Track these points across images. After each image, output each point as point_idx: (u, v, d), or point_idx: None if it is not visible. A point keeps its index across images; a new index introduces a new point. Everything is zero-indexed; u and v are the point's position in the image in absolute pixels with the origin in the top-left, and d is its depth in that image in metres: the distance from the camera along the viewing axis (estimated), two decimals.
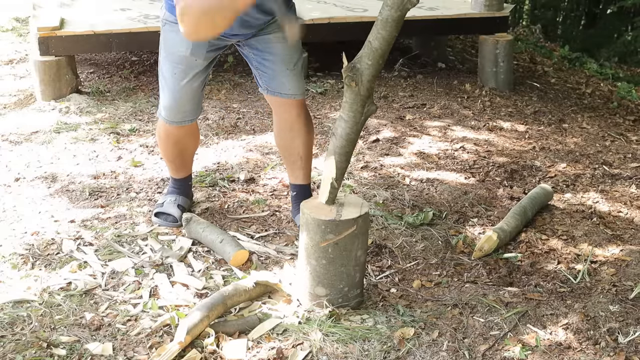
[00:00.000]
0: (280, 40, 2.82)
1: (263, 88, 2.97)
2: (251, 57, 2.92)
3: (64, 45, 4.71)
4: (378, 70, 2.31)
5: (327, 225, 2.39)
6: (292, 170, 3.13)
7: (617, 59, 10.13)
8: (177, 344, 2.22)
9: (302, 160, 3.08)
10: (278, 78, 2.90)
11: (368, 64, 2.29)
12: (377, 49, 2.27)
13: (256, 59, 2.91)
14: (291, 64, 2.90)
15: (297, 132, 3.02)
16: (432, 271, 2.86)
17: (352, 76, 2.30)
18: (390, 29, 2.24)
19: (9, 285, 2.62)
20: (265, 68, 2.90)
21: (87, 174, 3.63)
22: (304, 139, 3.04)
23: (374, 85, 2.36)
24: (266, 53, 2.87)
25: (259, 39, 2.84)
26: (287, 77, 2.90)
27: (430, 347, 2.34)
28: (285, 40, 2.76)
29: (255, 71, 2.96)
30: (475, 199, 3.47)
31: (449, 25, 5.50)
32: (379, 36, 2.26)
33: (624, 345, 2.35)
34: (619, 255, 2.97)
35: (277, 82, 2.91)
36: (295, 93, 2.94)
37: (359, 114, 2.36)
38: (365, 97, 2.34)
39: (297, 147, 3.04)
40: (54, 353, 2.23)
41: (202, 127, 4.29)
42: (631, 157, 4.21)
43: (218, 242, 2.85)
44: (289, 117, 2.99)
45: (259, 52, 2.88)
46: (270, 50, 2.86)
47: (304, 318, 2.45)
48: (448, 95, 5.17)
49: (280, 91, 2.93)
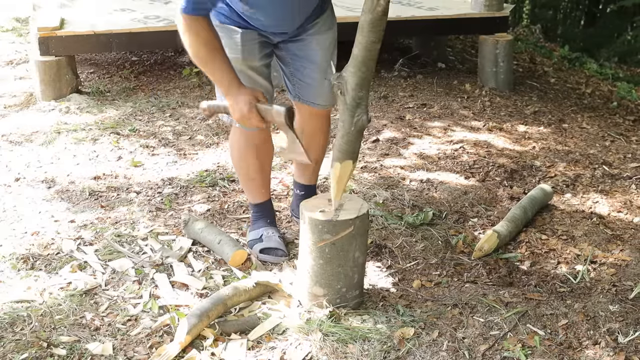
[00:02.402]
0: (321, 46, 2.76)
1: (293, 95, 2.87)
2: (288, 61, 2.80)
3: (64, 45, 4.71)
4: (363, 79, 2.25)
5: (324, 226, 2.39)
6: (303, 172, 3.07)
7: (617, 59, 10.12)
8: (177, 344, 2.22)
9: (317, 165, 3.06)
10: (315, 88, 2.81)
11: (352, 72, 2.25)
12: (357, 55, 2.23)
13: (294, 65, 2.80)
14: (328, 73, 2.75)
15: (317, 139, 2.96)
16: (432, 271, 2.86)
17: (338, 85, 2.28)
18: (366, 34, 2.19)
19: (9, 285, 2.62)
20: (303, 76, 2.80)
21: (87, 174, 3.63)
22: (322, 145, 3.01)
23: (363, 95, 2.28)
24: (305, 60, 2.77)
25: (299, 44, 2.74)
26: (324, 87, 2.79)
27: (430, 347, 2.34)
28: (324, 46, 2.72)
29: (289, 77, 2.84)
30: (475, 199, 3.47)
31: (449, 25, 5.50)
32: (357, 42, 2.22)
33: (624, 345, 2.35)
34: (619, 255, 2.97)
35: (312, 92, 2.82)
36: (327, 104, 2.87)
37: (349, 124, 2.31)
38: (352, 106, 2.28)
39: (313, 153, 2.90)
40: (54, 353, 2.23)
41: (201, 127, 4.30)
42: (631, 157, 4.21)
43: (216, 242, 2.85)
44: (315, 125, 2.93)
45: (298, 59, 2.78)
46: (310, 57, 2.76)
47: (303, 318, 2.45)
48: (448, 95, 5.17)
49: (313, 101, 2.84)
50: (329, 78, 2.62)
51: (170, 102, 4.74)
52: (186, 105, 4.71)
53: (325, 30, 2.77)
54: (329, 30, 2.79)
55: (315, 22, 2.72)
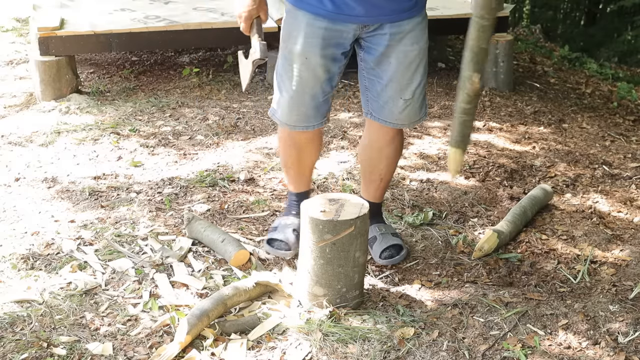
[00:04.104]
0: (400, 61, 2.50)
1: (366, 111, 2.67)
2: (362, 70, 2.59)
3: (64, 45, 4.71)
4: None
5: (324, 225, 2.39)
6: (368, 187, 2.90)
7: (617, 59, 10.12)
8: (177, 344, 2.22)
9: (382, 182, 2.86)
10: (388, 107, 2.59)
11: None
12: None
13: (368, 77, 2.59)
14: (408, 92, 2.54)
15: (385, 155, 2.77)
16: (432, 271, 2.86)
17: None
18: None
19: (9, 285, 2.62)
20: (377, 92, 2.58)
21: (87, 174, 3.63)
22: (391, 162, 2.81)
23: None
24: (380, 74, 2.54)
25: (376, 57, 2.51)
26: (400, 107, 2.56)
27: (430, 347, 2.34)
28: (405, 63, 2.49)
29: (363, 91, 2.66)
30: (475, 199, 3.47)
31: (449, 25, 5.49)
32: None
33: (624, 345, 2.35)
34: (619, 255, 2.97)
35: (386, 111, 2.60)
36: (403, 123, 2.65)
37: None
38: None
39: (381, 170, 2.80)
40: (54, 353, 2.23)
41: (202, 127, 4.29)
42: (631, 157, 4.21)
43: (219, 241, 2.85)
44: (383, 140, 2.73)
45: (371, 71, 2.56)
46: (387, 72, 2.53)
47: (303, 318, 2.45)
48: (448, 95, 5.17)
49: (386, 119, 2.62)
50: (406, 98, 2.52)
51: (170, 102, 4.74)
52: (186, 105, 4.71)
53: (410, 44, 2.51)
54: (414, 44, 2.52)
55: (400, 24, 2.47)
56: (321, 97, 2.62)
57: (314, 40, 2.51)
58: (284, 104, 2.65)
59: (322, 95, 2.62)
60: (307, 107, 2.63)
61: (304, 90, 2.59)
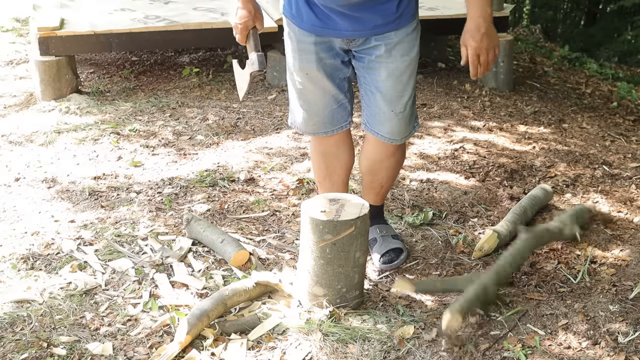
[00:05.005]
0: (391, 74, 2.47)
1: (363, 122, 2.67)
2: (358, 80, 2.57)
3: (64, 45, 4.71)
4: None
5: (325, 225, 2.39)
6: (368, 192, 2.88)
7: (617, 59, 10.12)
8: (177, 344, 2.22)
9: (383, 189, 2.86)
10: (378, 118, 2.56)
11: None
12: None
13: (363, 87, 2.57)
14: (399, 105, 2.51)
15: (385, 167, 2.75)
16: (432, 271, 2.86)
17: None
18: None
19: (9, 285, 2.62)
20: (369, 103, 2.56)
21: (87, 174, 3.63)
22: (392, 173, 2.81)
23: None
24: (371, 86, 2.52)
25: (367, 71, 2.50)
26: (391, 121, 2.54)
27: (430, 347, 2.34)
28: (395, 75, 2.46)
29: (361, 100, 2.65)
30: (475, 199, 3.47)
31: (449, 25, 5.49)
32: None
33: (624, 345, 2.35)
34: (618, 255, 2.97)
35: (376, 122, 2.58)
36: (395, 138, 2.60)
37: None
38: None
39: (382, 179, 2.79)
40: (54, 353, 2.23)
41: (202, 127, 4.30)
42: (631, 157, 4.21)
43: (219, 242, 2.85)
44: (382, 153, 2.70)
45: (364, 81, 2.55)
46: (377, 84, 2.50)
47: (304, 318, 2.45)
48: (448, 95, 5.17)
49: (378, 132, 2.60)
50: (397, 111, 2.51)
51: (170, 102, 4.74)
52: (186, 105, 4.71)
53: (399, 56, 2.48)
54: (404, 56, 2.49)
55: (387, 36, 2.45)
56: (334, 105, 2.62)
57: (309, 56, 2.53)
58: (298, 114, 2.69)
59: (335, 103, 2.62)
60: (321, 116, 2.64)
61: (315, 102, 2.62)
